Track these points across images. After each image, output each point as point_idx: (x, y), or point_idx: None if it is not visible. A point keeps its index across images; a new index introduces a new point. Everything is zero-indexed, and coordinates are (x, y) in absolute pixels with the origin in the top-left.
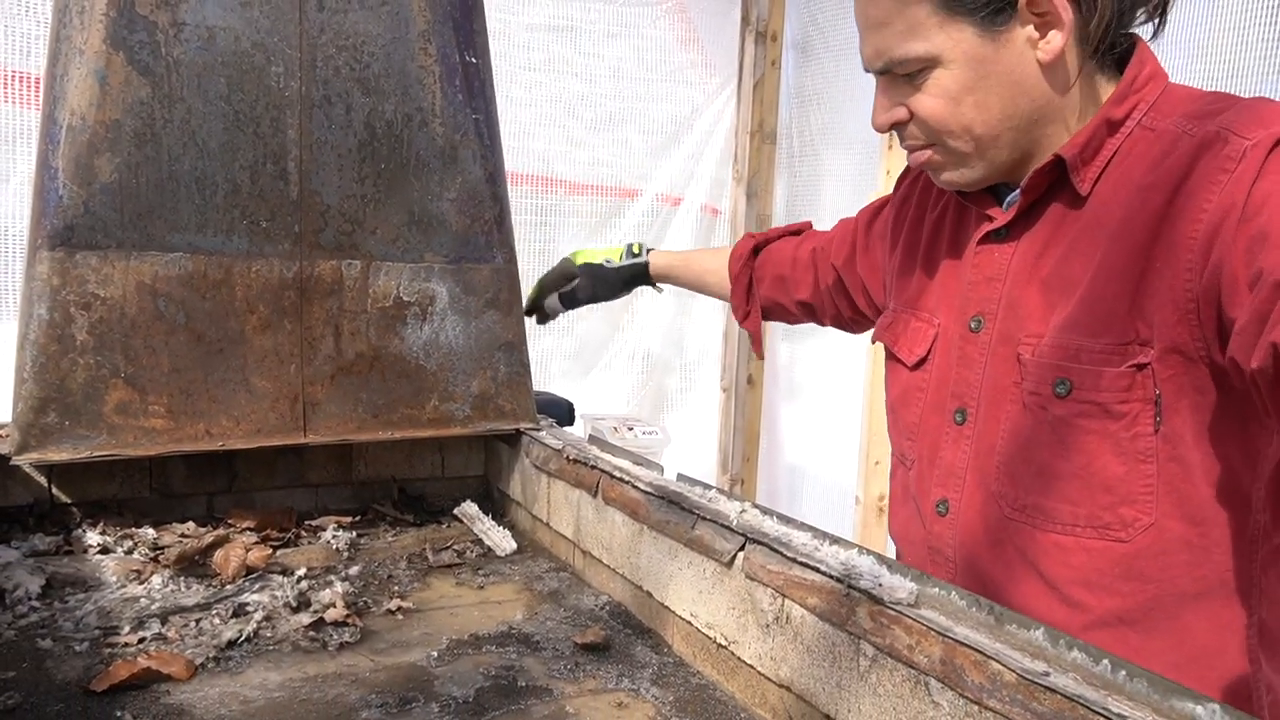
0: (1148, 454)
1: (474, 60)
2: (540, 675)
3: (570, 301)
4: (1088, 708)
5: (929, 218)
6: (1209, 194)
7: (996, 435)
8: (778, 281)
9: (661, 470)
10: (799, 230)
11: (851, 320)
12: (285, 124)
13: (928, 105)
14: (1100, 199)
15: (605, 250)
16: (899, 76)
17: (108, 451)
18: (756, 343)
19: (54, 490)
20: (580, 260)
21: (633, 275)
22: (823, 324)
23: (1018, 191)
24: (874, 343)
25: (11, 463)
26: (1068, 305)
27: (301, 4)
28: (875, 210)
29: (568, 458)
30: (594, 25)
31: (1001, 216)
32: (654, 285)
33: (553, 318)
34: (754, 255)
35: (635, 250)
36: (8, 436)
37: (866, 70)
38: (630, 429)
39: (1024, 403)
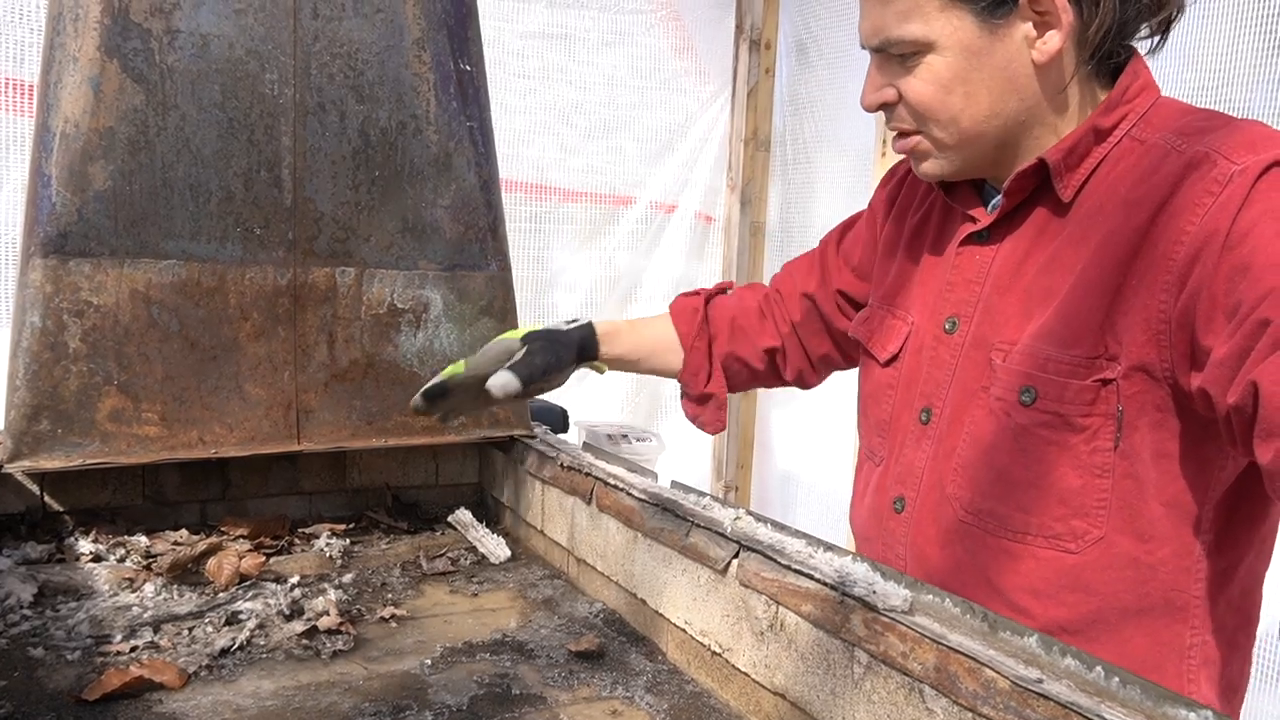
0: (1105, 469)
1: (468, 68)
2: (534, 683)
3: (527, 373)
4: (1081, 714)
5: (912, 217)
6: (1192, 216)
7: (959, 438)
8: (738, 333)
9: (656, 477)
10: (725, 288)
11: (822, 360)
12: (279, 131)
13: (917, 89)
14: (1084, 209)
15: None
16: (893, 56)
17: (100, 459)
18: (716, 418)
19: (46, 498)
20: (522, 332)
21: (583, 340)
22: (783, 377)
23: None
24: (850, 335)
25: (3, 470)
26: (1044, 314)
27: (295, 11)
28: (843, 229)
29: (562, 465)
30: (588, 33)
31: (985, 218)
32: (597, 362)
33: (485, 402)
34: (705, 308)
35: (571, 320)
36: (0, 444)
37: (863, 46)
38: (624, 436)
39: (989, 408)
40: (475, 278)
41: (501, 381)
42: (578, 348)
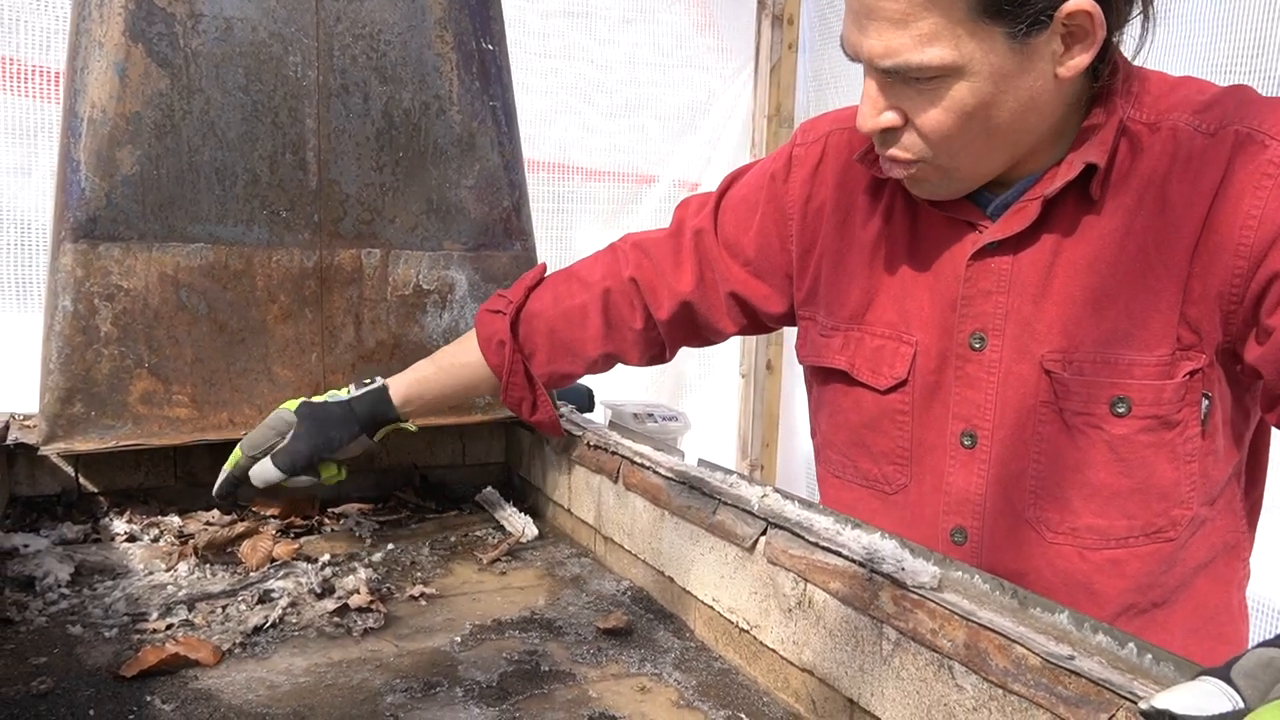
0: (1193, 454)
1: (490, 47)
2: (563, 660)
3: (288, 462)
4: (1114, 691)
5: (863, 228)
6: (1254, 200)
7: (1028, 459)
8: (558, 348)
9: (682, 455)
10: (539, 278)
11: (677, 347)
12: (303, 113)
13: (936, 119)
14: (1120, 204)
15: (329, 392)
16: (906, 80)
17: (133, 441)
18: (555, 428)
19: (81, 480)
20: (296, 404)
21: (372, 407)
22: (624, 363)
23: (1006, 200)
24: (805, 363)
25: (39, 453)
26: (1103, 318)
27: None
28: (714, 215)
29: (588, 444)
30: (609, 11)
31: (1002, 227)
32: (400, 419)
33: (269, 492)
34: (513, 330)
35: (366, 380)
36: (35, 427)
37: (861, 61)
38: (650, 415)
39: (1067, 423)
40: (500, 258)
41: (260, 473)
42: (364, 421)
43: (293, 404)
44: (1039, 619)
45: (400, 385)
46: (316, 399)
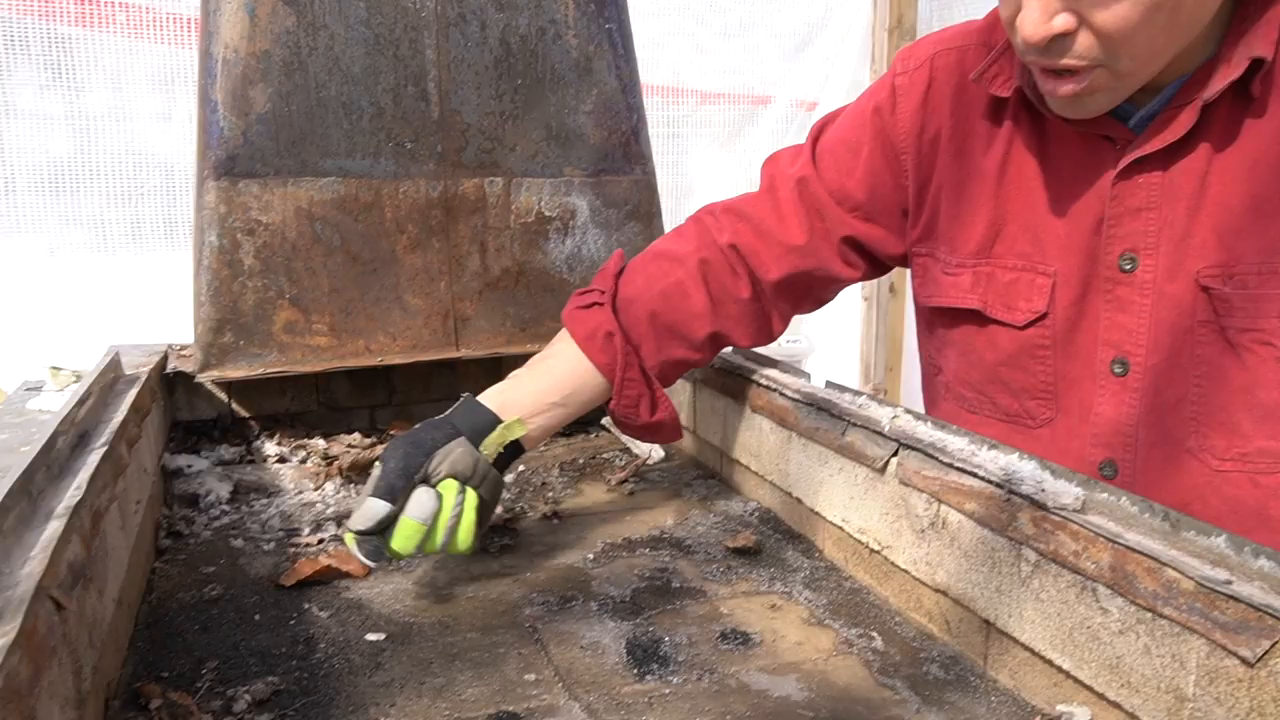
0: None
1: None
2: (693, 577)
3: (385, 485)
4: (1276, 617)
5: (983, 150)
6: None
7: (1186, 384)
8: (663, 334)
9: (809, 378)
10: (620, 266)
11: (787, 318)
12: (423, 45)
13: (1120, 15)
14: None
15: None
16: None
17: (279, 369)
18: (675, 432)
19: (234, 405)
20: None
21: (466, 412)
22: (735, 339)
23: (1151, 110)
24: (928, 305)
25: (195, 380)
26: (1268, 227)
27: None
28: (811, 161)
29: (714, 367)
30: None
31: (1154, 139)
32: (502, 421)
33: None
34: (618, 322)
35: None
36: (190, 356)
37: None
38: None
39: (1230, 342)
40: (620, 182)
41: (362, 513)
42: (458, 424)
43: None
44: (1193, 542)
45: (486, 394)
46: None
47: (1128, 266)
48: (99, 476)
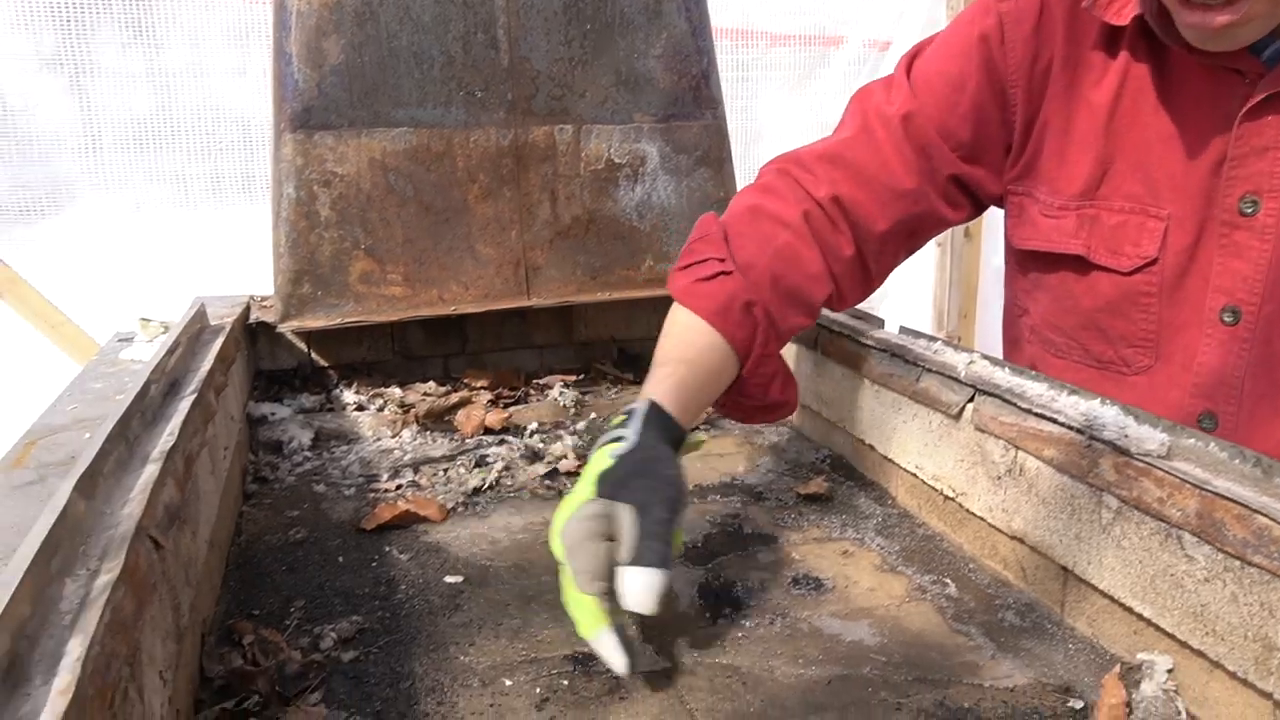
0: None
1: None
2: (765, 523)
3: (659, 551)
4: None
5: (1094, 83)
6: None
7: None
8: (785, 298)
9: (882, 324)
10: (721, 227)
11: (881, 277)
12: None
13: None
14: None
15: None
16: None
17: (355, 318)
18: (794, 405)
19: (313, 354)
20: (585, 492)
21: (658, 423)
22: (843, 301)
23: None
24: (1025, 247)
25: (276, 330)
26: None
27: None
28: (914, 99)
29: None
30: None
31: None
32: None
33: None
34: (746, 289)
35: (615, 424)
36: (271, 307)
37: None
38: None
39: None
40: (690, 128)
41: (636, 590)
42: (665, 439)
43: (574, 499)
44: None
45: (661, 398)
46: (600, 466)
47: (1249, 210)
48: (190, 423)
